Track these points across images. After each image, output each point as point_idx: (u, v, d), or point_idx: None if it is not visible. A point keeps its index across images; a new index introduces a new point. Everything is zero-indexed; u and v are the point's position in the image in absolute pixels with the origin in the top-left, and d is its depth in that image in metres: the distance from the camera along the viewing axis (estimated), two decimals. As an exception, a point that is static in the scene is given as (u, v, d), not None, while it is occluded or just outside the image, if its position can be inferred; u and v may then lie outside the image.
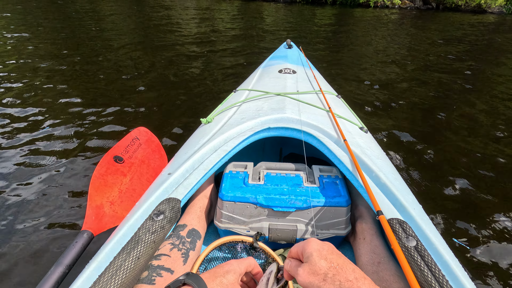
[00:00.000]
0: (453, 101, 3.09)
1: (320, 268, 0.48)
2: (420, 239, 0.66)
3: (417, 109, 2.89)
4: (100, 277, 0.60)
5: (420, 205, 0.82)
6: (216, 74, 3.85)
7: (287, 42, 2.63)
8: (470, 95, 3.27)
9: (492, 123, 2.66)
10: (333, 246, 0.52)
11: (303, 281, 0.49)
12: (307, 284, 0.48)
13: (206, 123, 1.24)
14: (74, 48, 4.92)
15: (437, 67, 4.18)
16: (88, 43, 5.27)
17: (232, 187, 0.96)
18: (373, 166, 0.89)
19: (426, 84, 3.54)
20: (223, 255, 0.85)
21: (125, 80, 3.57)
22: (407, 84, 3.55)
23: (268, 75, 1.78)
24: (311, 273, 0.48)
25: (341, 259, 0.49)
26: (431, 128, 2.56)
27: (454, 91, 3.37)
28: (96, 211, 0.98)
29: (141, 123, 2.56)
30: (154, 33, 6.08)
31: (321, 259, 0.49)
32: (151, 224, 0.73)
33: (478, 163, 2.10)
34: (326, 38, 6.12)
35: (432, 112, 2.82)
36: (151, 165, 1.33)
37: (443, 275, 0.58)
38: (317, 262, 0.48)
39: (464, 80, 3.71)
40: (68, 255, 0.83)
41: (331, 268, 0.48)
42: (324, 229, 0.94)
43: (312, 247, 0.51)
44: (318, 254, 0.49)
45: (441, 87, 3.45)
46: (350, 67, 4.20)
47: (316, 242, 0.52)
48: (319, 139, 1.01)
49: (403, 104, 3.00)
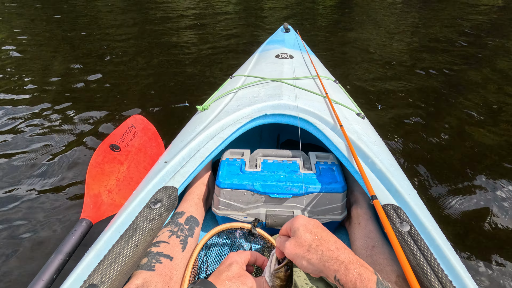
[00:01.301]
0: (456, 85, 3.07)
1: (305, 240, 0.52)
2: (414, 224, 0.67)
3: (419, 95, 2.86)
4: (100, 265, 0.61)
5: (415, 190, 0.83)
6: (212, 59, 3.78)
7: (284, 25, 2.57)
8: (474, 79, 3.24)
9: (497, 108, 2.65)
10: (318, 222, 0.56)
11: (289, 253, 0.53)
12: (294, 255, 0.52)
13: (202, 110, 1.23)
14: (65, 31, 4.79)
15: (440, 52, 4.13)
16: (79, 26, 5.13)
17: (229, 174, 0.96)
18: (369, 152, 0.89)
19: (429, 69, 3.50)
20: (222, 241, 0.87)
21: (119, 68, 3.50)
22: (408, 70, 3.51)
23: (265, 60, 1.75)
24: (297, 245, 0.52)
25: (324, 233, 0.53)
26: (432, 115, 2.55)
27: (457, 76, 3.34)
28: (94, 199, 0.99)
29: (136, 110, 2.54)
30: (149, 19, 5.91)
31: (306, 233, 0.53)
32: (149, 212, 0.73)
33: (482, 150, 2.11)
34: (327, 20, 5.99)
35: (435, 98, 2.79)
36: (148, 153, 1.33)
37: (435, 259, 0.59)
38: (303, 235, 0.52)
39: (468, 65, 3.67)
40: (68, 243, 0.84)
41: (315, 240, 0.51)
42: (320, 215, 0.95)
43: (299, 222, 0.55)
44: (304, 228, 0.53)
45: (444, 74, 3.42)
46: (350, 52, 4.14)
47: (303, 218, 0.56)
48: (315, 125, 1.01)
49: (404, 90, 2.98)
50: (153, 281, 0.66)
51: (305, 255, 0.50)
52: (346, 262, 0.47)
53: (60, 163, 1.88)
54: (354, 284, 0.45)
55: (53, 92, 2.87)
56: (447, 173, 1.88)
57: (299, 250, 0.51)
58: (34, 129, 2.24)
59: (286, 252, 0.54)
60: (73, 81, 3.09)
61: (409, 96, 2.86)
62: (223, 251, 0.86)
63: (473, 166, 1.94)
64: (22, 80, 3.08)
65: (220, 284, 0.54)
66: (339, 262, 0.47)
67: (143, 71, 3.37)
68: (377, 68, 3.54)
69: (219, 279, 0.56)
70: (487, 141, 2.20)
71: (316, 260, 0.49)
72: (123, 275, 0.63)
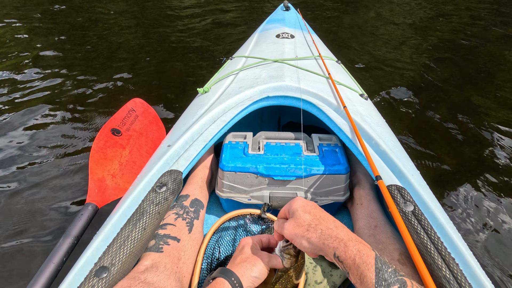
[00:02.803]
0: (462, 67, 3.01)
1: (304, 220, 0.53)
2: (417, 204, 0.68)
3: (425, 76, 2.81)
4: (109, 247, 0.62)
5: (418, 171, 0.84)
6: (212, 39, 3.68)
7: (284, 3, 2.48)
8: (480, 60, 3.18)
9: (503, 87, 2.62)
10: (316, 203, 0.57)
11: (289, 233, 0.54)
12: (293, 235, 0.53)
13: (203, 92, 1.21)
14: (63, 16, 4.63)
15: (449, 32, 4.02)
16: (77, 13, 4.95)
17: (232, 157, 0.96)
18: (373, 133, 0.89)
19: (436, 51, 3.42)
20: (232, 227, 0.88)
21: (116, 50, 3.41)
22: (414, 51, 3.43)
23: (265, 41, 1.70)
24: (296, 225, 0.53)
25: (323, 213, 0.54)
26: (437, 97, 2.51)
27: (463, 60, 3.27)
28: (99, 184, 0.99)
29: (135, 94, 2.50)
30: (147, 5, 5.70)
31: (305, 213, 0.54)
32: (155, 196, 0.74)
33: (489, 131, 2.10)
34: None
35: (442, 79, 2.74)
36: (149, 137, 1.32)
37: (438, 237, 0.60)
38: (302, 216, 0.53)
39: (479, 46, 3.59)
40: (75, 227, 0.85)
41: (313, 219, 0.52)
42: (323, 196, 0.96)
43: (297, 204, 0.56)
44: (303, 209, 0.54)
45: (453, 53, 3.35)
46: (354, 31, 4.03)
47: (301, 199, 0.57)
48: (318, 107, 1.00)
49: (410, 71, 2.92)
50: (162, 262, 0.67)
51: (305, 234, 0.51)
52: (345, 240, 0.48)
53: (61, 148, 1.88)
54: (353, 260, 0.46)
55: (48, 74, 2.81)
56: (452, 153, 1.89)
57: (298, 230, 0.52)
58: (33, 116, 2.22)
59: (285, 233, 0.54)
60: (69, 65, 3.03)
61: (415, 77, 2.82)
62: (234, 236, 0.87)
63: (478, 149, 1.94)
64: (21, 62, 3.01)
65: (235, 268, 0.57)
66: (338, 239, 0.48)
67: (141, 54, 3.29)
68: (382, 48, 3.46)
69: (234, 264, 0.58)
70: (494, 122, 2.19)
71: (315, 239, 0.50)
72: (133, 257, 0.64)
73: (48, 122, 2.14)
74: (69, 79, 2.74)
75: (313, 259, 0.86)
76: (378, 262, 0.45)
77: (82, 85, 2.64)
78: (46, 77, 2.78)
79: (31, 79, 2.73)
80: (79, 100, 2.41)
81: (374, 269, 0.44)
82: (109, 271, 0.58)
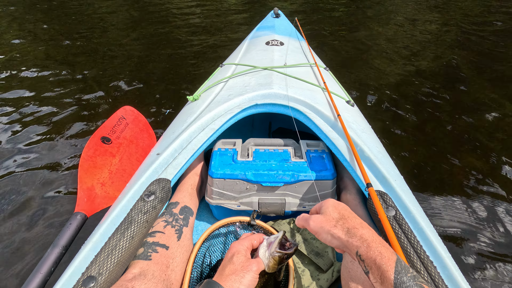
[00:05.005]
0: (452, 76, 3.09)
1: (333, 217, 0.56)
2: (399, 208, 0.70)
3: (414, 84, 2.87)
4: (97, 257, 0.63)
5: (401, 176, 0.86)
6: (203, 46, 3.70)
7: (274, 10, 2.52)
8: (468, 66, 3.27)
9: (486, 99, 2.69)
10: (346, 205, 0.60)
11: (314, 226, 0.57)
12: (319, 228, 0.56)
13: (193, 100, 1.22)
14: (54, 22, 4.60)
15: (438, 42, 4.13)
16: (69, 17, 4.93)
17: (221, 164, 0.98)
18: (358, 140, 0.91)
19: (428, 58, 3.50)
20: (224, 231, 0.89)
21: (107, 57, 3.40)
22: (404, 61, 3.51)
23: (255, 48, 1.73)
24: (324, 220, 0.56)
25: (352, 214, 0.57)
26: (422, 102, 2.57)
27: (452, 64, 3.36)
28: (88, 193, 0.99)
29: (126, 101, 2.49)
30: (140, 8, 5.71)
31: (335, 211, 0.57)
32: (143, 204, 0.75)
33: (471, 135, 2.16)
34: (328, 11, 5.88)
35: (431, 86, 2.80)
36: (140, 144, 1.33)
37: (418, 241, 0.62)
38: (331, 213, 0.57)
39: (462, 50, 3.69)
40: (63, 236, 0.85)
41: (342, 218, 0.56)
42: (311, 201, 0.98)
43: (329, 203, 0.60)
44: (333, 208, 0.58)
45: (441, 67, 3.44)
46: (344, 39, 4.10)
47: (333, 200, 0.61)
48: (306, 114, 1.02)
49: (400, 79, 2.99)
50: (150, 269, 0.68)
51: (331, 229, 0.54)
52: (369, 240, 0.51)
53: (50, 157, 1.86)
54: (374, 260, 0.48)
55: (38, 81, 2.79)
56: (436, 158, 1.93)
57: (325, 224, 0.55)
58: (20, 124, 2.19)
59: (310, 225, 0.57)
60: (59, 72, 3.01)
61: (403, 84, 2.88)
62: (225, 243, 0.87)
63: (461, 152, 1.99)
64: (7, 70, 2.98)
65: (224, 280, 0.54)
66: (362, 239, 0.51)
67: (132, 61, 3.29)
68: (371, 54, 3.54)
69: (223, 276, 0.55)
70: (477, 128, 2.25)
71: (341, 235, 0.53)
72: (120, 266, 0.64)
73: (37, 131, 2.12)
74: (57, 87, 2.72)
75: (301, 264, 0.87)
76: (398, 265, 0.47)
77: (71, 93, 2.62)
78: (34, 85, 2.75)
79: (19, 87, 2.71)
80: (69, 108, 2.40)
81: (393, 271, 0.46)
82: (96, 280, 0.59)
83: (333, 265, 0.85)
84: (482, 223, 1.51)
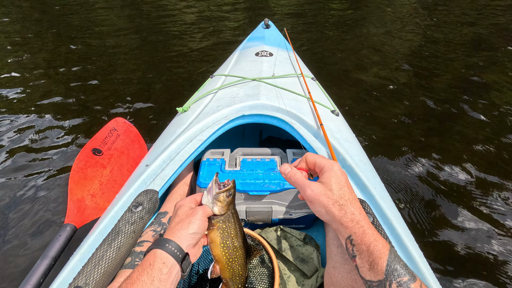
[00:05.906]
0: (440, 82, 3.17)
1: (333, 194, 0.53)
2: (376, 215, 0.73)
3: (404, 90, 2.94)
4: (84, 268, 0.65)
5: (382, 184, 0.90)
6: (194, 57, 3.75)
7: (264, 21, 2.58)
8: (452, 75, 3.36)
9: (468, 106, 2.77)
10: (348, 179, 0.57)
11: (311, 195, 0.54)
12: (316, 201, 0.54)
13: (182, 112, 1.25)
14: (45, 30, 4.64)
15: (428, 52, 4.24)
16: (61, 26, 4.97)
17: (209, 174, 1.00)
18: (340, 148, 0.95)
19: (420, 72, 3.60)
20: None
21: (98, 69, 3.43)
22: (393, 72, 3.59)
23: (244, 59, 1.77)
24: (324, 194, 0.53)
25: (352, 195, 0.55)
26: (409, 111, 2.64)
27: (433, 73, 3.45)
28: (78, 204, 1.01)
29: (118, 113, 2.51)
30: (133, 18, 5.78)
31: (337, 186, 0.54)
32: (130, 215, 0.77)
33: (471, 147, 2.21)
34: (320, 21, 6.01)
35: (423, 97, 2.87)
36: (131, 155, 1.35)
37: (393, 247, 0.65)
38: (333, 188, 0.54)
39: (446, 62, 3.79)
40: (53, 248, 0.86)
41: (342, 199, 0.53)
42: (298, 209, 1.01)
43: (333, 172, 0.56)
44: (336, 181, 0.55)
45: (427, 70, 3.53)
46: (335, 49, 4.19)
47: (338, 168, 0.57)
48: (291, 125, 1.05)
49: (390, 89, 3.06)
50: (137, 279, 0.69)
51: (329, 206, 0.53)
52: (365, 227, 0.51)
53: (41, 169, 1.87)
54: (368, 246, 0.49)
55: (30, 94, 2.80)
56: (417, 163, 1.97)
57: (324, 199, 0.53)
58: (12, 135, 2.20)
59: (307, 192, 0.55)
60: (51, 83, 3.03)
61: (391, 94, 2.95)
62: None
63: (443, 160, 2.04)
64: None
65: (170, 233, 0.54)
66: (359, 225, 0.52)
67: (124, 73, 3.32)
68: (360, 63, 3.61)
69: (170, 229, 0.55)
70: (462, 134, 2.31)
71: (336, 216, 0.52)
72: (107, 276, 0.66)
73: (28, 143, 2.13)
74: (49, 98, 2.74)
75: (287, 270, 0.89)
76: (392, 253, 0.49)
77: (63, 105, 2.64)
78: (24, 98, 2.77)
79: (9, 97, 2.72)
80: (60, 121, 2.41)
81: (387, 259, 0.48)
82: (83, 291, 0.61)
83: (317, 271, 0.87)
84: (457, 230, 1.53)
